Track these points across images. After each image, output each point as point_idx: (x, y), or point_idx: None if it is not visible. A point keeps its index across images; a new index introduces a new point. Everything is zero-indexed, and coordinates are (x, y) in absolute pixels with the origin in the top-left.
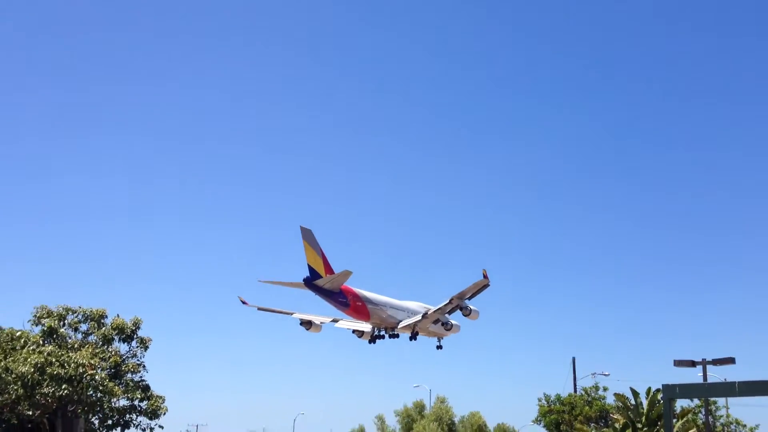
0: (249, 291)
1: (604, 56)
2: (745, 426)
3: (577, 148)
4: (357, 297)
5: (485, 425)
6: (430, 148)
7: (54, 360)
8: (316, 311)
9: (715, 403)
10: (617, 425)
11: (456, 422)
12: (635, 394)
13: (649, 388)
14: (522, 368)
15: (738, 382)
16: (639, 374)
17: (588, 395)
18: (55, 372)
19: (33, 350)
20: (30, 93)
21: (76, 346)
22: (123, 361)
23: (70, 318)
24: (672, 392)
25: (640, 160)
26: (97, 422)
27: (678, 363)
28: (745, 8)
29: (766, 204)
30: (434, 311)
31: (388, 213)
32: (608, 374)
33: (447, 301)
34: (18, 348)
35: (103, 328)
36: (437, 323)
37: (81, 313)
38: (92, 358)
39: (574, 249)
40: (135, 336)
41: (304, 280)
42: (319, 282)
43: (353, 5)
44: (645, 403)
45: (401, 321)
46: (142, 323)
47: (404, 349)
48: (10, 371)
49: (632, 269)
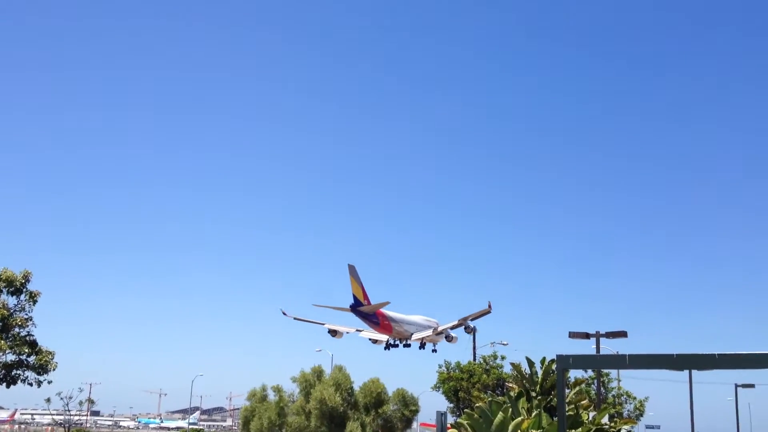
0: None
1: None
2: (635, 398)
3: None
4: (385, 317)
5: (384, 391)
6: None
7: None
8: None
9: (608, 375)
10: (512, 393)
11: (355, 389)
12: (530, 364)
13: (544, 358)
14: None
15: (629, 355)
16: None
17: (486, 364)
18: None
19: None
20: None
21: None
22: (10, 315)
23: None
24: (566, 363)
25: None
26: None
27: (573, 335)
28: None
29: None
30: (444, 327)
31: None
32: (507, 344)
33: (456, 322)
34: None
35: None
36: (440, 335)
37: None
38: None
39: (478, 224)
40: (24, 289)
41: (350, 306)
42: (363, 309)
43: None
44: (540, 373)
45: (413, 334)
46: (32, 276)
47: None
48: None
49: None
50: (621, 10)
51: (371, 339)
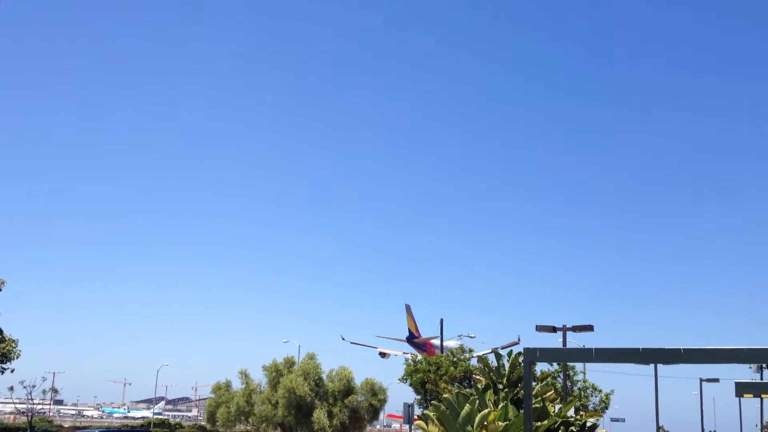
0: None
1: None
2: (601, 391)
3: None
4: (432, 346)
5: (353, 379)
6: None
7: None
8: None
9: (574, 368)
10: (479, 385)
11: (324, 378)
12: (498, 357)
13: (511, 351)
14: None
15: (595, 349)
16: (503, 338)
17: (453, 356)
18: None
19: None
20: None
21: None
22: None
23: None
24: (533, 356)
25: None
26: None
27: (540, 328)
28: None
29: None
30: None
31: None
32: (474, 336)
33: (489, 350)
34: None
35: None
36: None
37: None
38: None
39: (444, 213)
40: None
41: (406, 338)
42: (417, 341)
43: None
44: (507, 366)
45: None
46: None
47: (272, 307)
48: None
49: (501, 239)
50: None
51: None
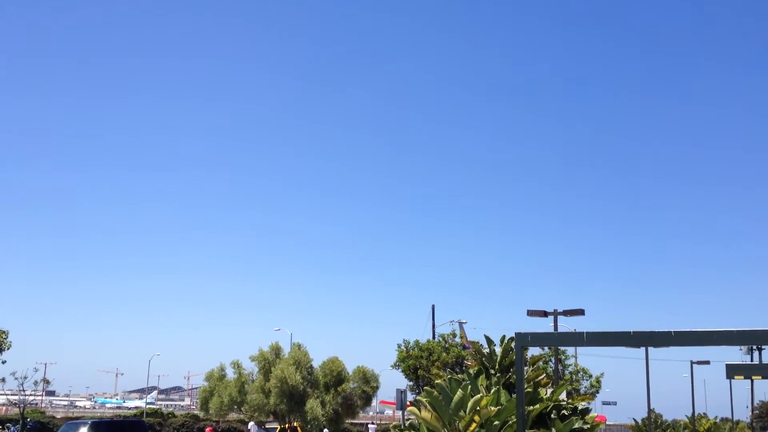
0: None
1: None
2: (592, 375)
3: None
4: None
5: (345, 369)
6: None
7: None
8: None
9: (565, 352)
10: (471, 371)
11: (315, 367)
12: (489, 342)
13: (503, 336)
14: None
15: (586, 333)
16: (494, 323)
17: (445, 342)
18: None
19: None
20: None
21: None
22: None
23: None
24: (524, 340)
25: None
26: None
27: (531, 313)
28: None
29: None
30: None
31: None
32: (465, 322)
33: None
34: None
35: None
36: None
37: None
38: None
39: (435, 200)
40: None
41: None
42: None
43: None
44: (498, 351)
45: None
46: None
47: (264, 294)
48: None
49: (494, 223)
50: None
51: None
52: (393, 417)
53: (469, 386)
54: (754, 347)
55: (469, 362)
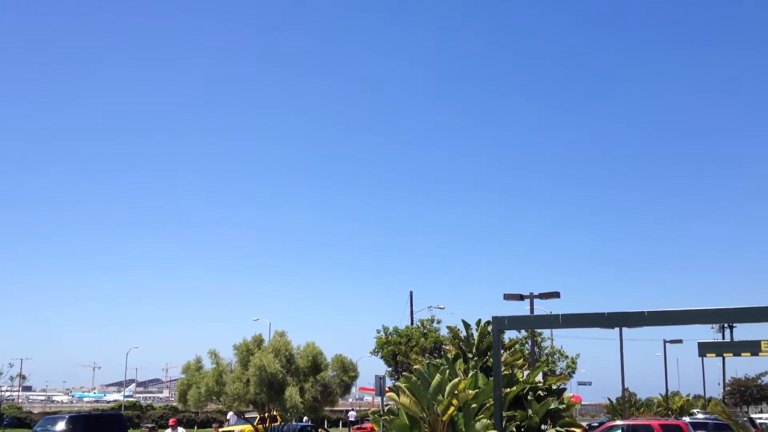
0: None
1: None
2: (568, 356)
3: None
4: None
5: (321, 354)
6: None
7: None
8: None
9: (541, 335)
10: (449, 355)
11: (294, 354)
12: (467, 326)
13: (479, 320)
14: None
15: (562, 315)
16: (472, 308)
17: (424, 327)
18: None
19: None
20: None
21: None
22: None
23: None
24: (501, 324)
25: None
26: None
27: (507, 296)
28: None
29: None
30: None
31: None
32: (443, 307)
33: None
34: None
35: None
36: None
37: None
38: None
39: (411, 186)
40: None
41: None
42: None
43: None
44: (476, 335)
45: None
46: None
47: (240, 287)
48: None
49: (467, 207)
50: None
51: None
52: (372, 403)
53: (447, 371)
54: (725, 325)
55: (448, 347)
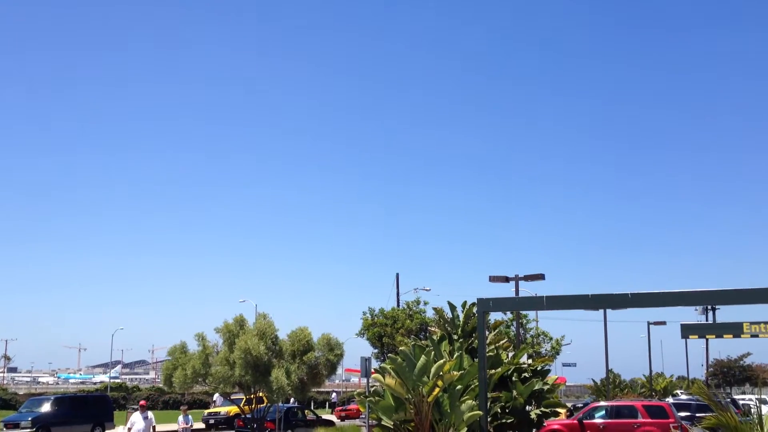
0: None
1: None
2: (552, 338)
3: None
4: None
5: (312, 339)
6: None
7: None
8: None
9: (526, 317)
10: (435, 337)
11: (280, 337)
12: (452, 308)
13: (465, 302)
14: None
15: (546, 297)
16: (458, 289)
17: (410, 309)
18: None
19: None
20: None
21: None
22: None
23: None
24: (486, 306)
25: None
26: None
27: (493, 278)
28: None
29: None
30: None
31: None
32: (429, 289)
33: None
34: None
35: None
36: None
37: None
38: None
39: (398, 167)
40: None
41: None
42: None
43: None
44: (461, 316)
45: None
46: None
47: (226, 268)
48: None
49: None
50: None
51: None
52: (359, 384)
53: (433, 352)
54: (708, 307)
55: (433, 329)
